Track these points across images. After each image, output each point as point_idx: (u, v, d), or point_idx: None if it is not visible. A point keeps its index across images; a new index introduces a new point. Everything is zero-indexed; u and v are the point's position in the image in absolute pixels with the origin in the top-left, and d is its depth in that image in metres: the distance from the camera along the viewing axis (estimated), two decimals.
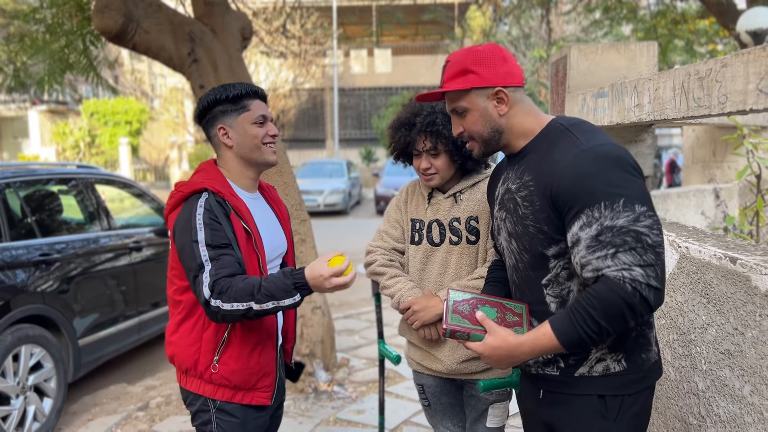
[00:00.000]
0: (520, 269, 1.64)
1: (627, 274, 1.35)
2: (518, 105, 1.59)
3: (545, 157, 1.51)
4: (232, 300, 1.74)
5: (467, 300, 1.67)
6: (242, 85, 1.98)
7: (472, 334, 1.55)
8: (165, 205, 2.02)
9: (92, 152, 22.64)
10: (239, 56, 4.39)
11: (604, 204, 1.37)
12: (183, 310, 1.95)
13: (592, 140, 1.46)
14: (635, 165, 1.44)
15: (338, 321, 6.08)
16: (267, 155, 1.99)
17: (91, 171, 5.22)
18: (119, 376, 5.02)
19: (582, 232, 1.40)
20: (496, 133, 1.61)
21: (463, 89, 1.58)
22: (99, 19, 3.96)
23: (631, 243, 1.36)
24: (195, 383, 1.95)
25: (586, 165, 1.41)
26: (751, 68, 1.40)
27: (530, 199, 1.53)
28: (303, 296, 1.77)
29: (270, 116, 2.02)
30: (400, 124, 2.19)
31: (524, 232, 1.56)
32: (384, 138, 25.24)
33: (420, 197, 2.29)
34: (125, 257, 4.91)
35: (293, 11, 10.48)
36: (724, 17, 8.82)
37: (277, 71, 23.14)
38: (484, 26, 18.36)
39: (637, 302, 1.34)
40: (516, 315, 1.66)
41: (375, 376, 4.60)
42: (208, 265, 1.77)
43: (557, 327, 1.43)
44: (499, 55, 1.58)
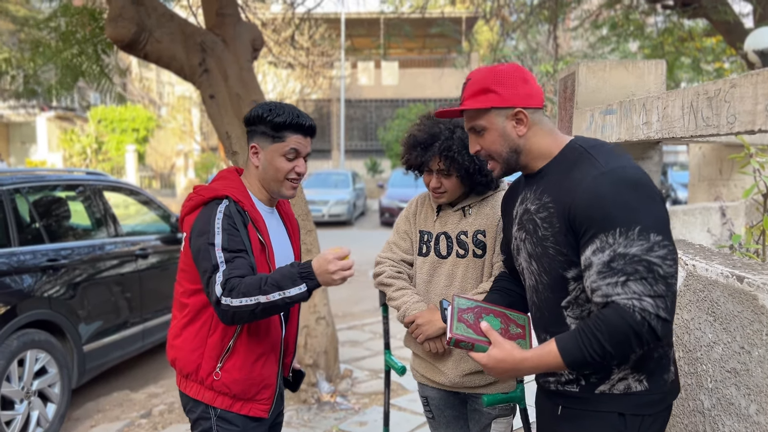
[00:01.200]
0: (539, 290, 1.62)
1: (637, 303, 1.35)
2: (537, 126, 1.59)
3: (565, 179, 1.51)
4: (241, 295, 1.74)
5: (471, 308, 1.66)
6: (290, 114, 1.93)
7: (477, 344, 1.54)
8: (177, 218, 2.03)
9: (99, 159, 22.75)
10: (250, 67, 4.43)
11: (620, 230, 1.37)
12: (189, 313, 1.95)
13: (612, 162, 1.45)
14: (655, 189, 1.43)
15: (342, 332, 6.08)
16: (285, 190, 1.99)
17: (99, 178, 5.26)
18: (123, 382, 5.03)
19: (594, 257, 1.40)
20: (514, 153, 1.60)
21: (482, 108, 1.58)
22: (112, 28, 4.01)
23: (642, 272, 1.35)
24: (195, 388, 1.95)
25: (604, 188, 1.41)
26: (760, 89, 1.41)
27: (550, 220, 1.52)
28: (309, 288, 1.77)
29: (304, 152, 1.99)
30: (416, 143, 2.18)
31: (544, 254, 1.55)
32: (389, 150, 25.31)
33: (429, 209, 2.31)
34: (131, 264, 4.93)
35: (302, 22, 10.55)
36: (731, 36, 8.84)
37: (284, 81, 23.26)
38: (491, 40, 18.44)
39: (644, 331, 1.35)
40: (519, 327, 1.66)
41: (378, 388, 4.60)
42: (222, 266, 1.79)
43: (563, 346, 1.43)
44: (520, 75, 1.58)
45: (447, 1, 15.48)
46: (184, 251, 1.95)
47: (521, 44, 22.34)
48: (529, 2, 10.76)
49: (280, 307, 1.77)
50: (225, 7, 4.35)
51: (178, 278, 2.01)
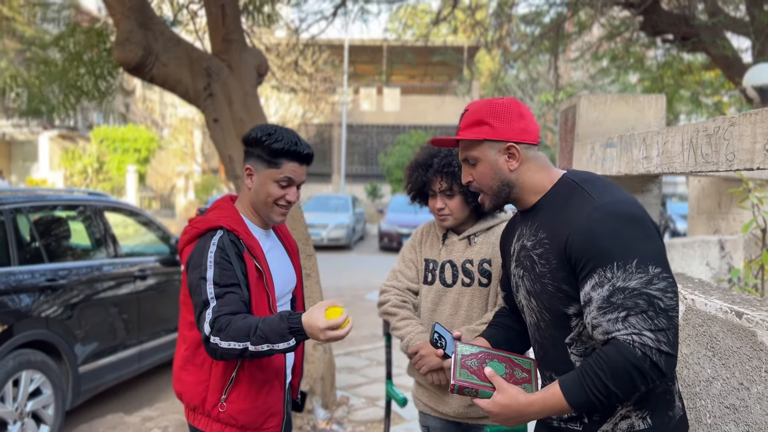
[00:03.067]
0: (542, 328, 1.59)
1: (637, 338, 1.32)
2: (530, 162, 1.58)
3: (559, 214, 1.49)
4: (230, 339, 1.74)
5: (475, 354, 1.63)
6: (288, 141, 1.91)
7: (481, 390, 1.52)
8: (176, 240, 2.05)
9: (99, 178, 22.81)
10: (254, 92, 4.48)
11: (617, 264, 1.35)
12: (190, 346, 1.96)
13: (605, 197, 1.43)
14: (650, 222, 1.41)
15: (339, 358, 6.04)
16: (273, 215, 1.99)
17: (99, 198, 5.28)
18: (117, 405, 4.98)
19: (594, 292, 1.38)
20: (505, 186, 1.59)
21: (476, 140, 1.58)
22: (120, 51, 4.07)
23: (642, 306, 1.33)
24: (203, 421, 1.94)
25: (598, 223, 1.39)
26: (759, 128, 1.44)
27: (546, 257, 1.50)
28: (298, 341, 1.75)
29: (298, 181, 1.98)
30: (417, 164, 2.24)
31: (543, 291, 1.53)
32: (390, 175, 25.41)
33: (435, 238, 2.33)
34: (129, 285, 4.92)
35: (306, 48, 10.68)
36: (730, 70, 8.95)
37: (287, 106, 23.45)
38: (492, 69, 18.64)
39: (647, 367, 1.32)
40: (524, 371, 1.63)
41: (374, 416, 4.56)
42: (213, 302, 1.79)
43: (567, 388, 1.40)
44: (516, 110, 1.57)
45: (449, 30, 15.69)
46: (183, 285, 1.97)
47: (522, 74, 22.59)
48: (530, 33, 10.92)
49: (266, 355, 1.76)
50: (231, 33, 4.41)
51: (181, 309, 2.02)
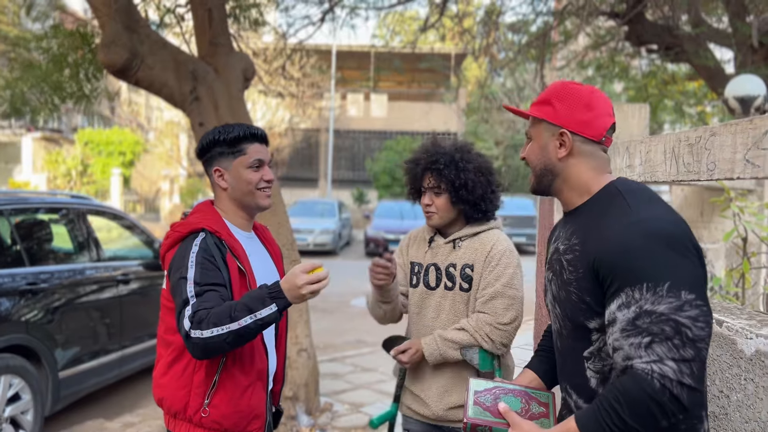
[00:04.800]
0: (563, 336, 1.52)
1: (657, 368, 1.22)
2: (583, 157, 1.48)
3: (594, 223, 1.41)
4: (211, 325, 1.70)
5: (489, 390, 1.57)
6: (241, 127, 1.98)
7: (495, 428, 1.46)
8: (160, 244, 2.02)
9: (83, 181, 22.59)
10: (240, 96, 4.47)
11: (647, 285, 1.26)
12: (173, 351, 1.93)
13: (645, 212, 1.34)
14: (690, 244, 1.31)
15: (323, 364, 6.01)
16: (260, 200, 2.01)
17: (83, 201, 5.23)
18: (97, 411, 4.92)
19: (619, 312, 1.29)
20: (548, 172, 1.52)
21: (536, 117, 1.53)
22: (105, 53, 4.03)
23: (668, 333, 1.23)
24: (185, 428, 1.92)
25: (633, 240, 1.30)
26: (739, 139, 1.45)
27: (575, 264, 1.42)
28: (280, 307, 1.72)
29: (267, 160, 2.02)
30: (411, 160, 2.30)
31: (567, 299, 1.45)
32: (377, 181, 25.43)
33: (422, 241, 2.36)
34: (112, 289, 4.88)
35: (294, 53, 10.67)
36: (713, 81, 9.07)
37: (273, 110, 23.40)
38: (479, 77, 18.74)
39: (666, 401, 1.21)
40: (542, 405, 1.55)
41: (358, 422, 4.54)
42: (192, 299, 1.77)
43: (582, 423, 1.30)
44: (586, 100, 1.48)
45: (437, 37, 15.76)
46: (166, 289, 1.95)
47: (509, 81, 22.72)
48: (517, 41, 11.00)
49: (253, 331, 1.72)
50: (218, 37, 4.40)
51: (161, 315, 1.99)
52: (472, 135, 26.99)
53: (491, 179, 2.25)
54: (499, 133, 28.12)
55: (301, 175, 29.81)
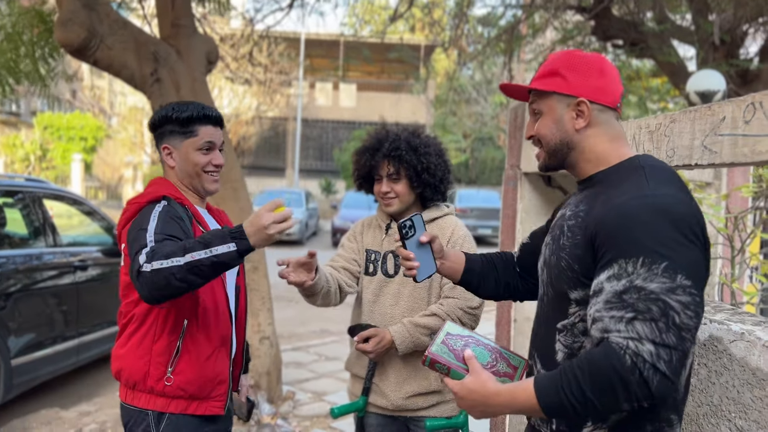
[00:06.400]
0: (544, 302, 1.47)
1: (633, 345, 1.14)
2: (601, 126, 1.39)
3: (605, 192, 1.32)
4: (163, 257, 1.60)
5: (462, 336, 1.50)
6: (195, 106, 1.93)
7: (453, 370, 1.38)
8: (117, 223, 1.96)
9: (42, 166, 22.00)
10: (203, 79, 4.38)
11: (643, 260, 1.17)
12: (134, 321, 1.88)
13: (660, 188, 1.25)
14: (700, 232, 1.23)
15: (286, 353, 5.97)
16: (206, 183, 1.96)
17: (39, 185, 5.07)
18: (53, 399, 4.80)
19: (608, 283, 1.21)
20: (565, 146, 1.42)
21: (545, 91, 1.42)
22: (61, 31, 3.90)
23: (655, 314, 1.15)
24: (144, 399, 1.87)
25: (639, 211, 1.21)
26: (697, 125, 1.47)
27: (574, 230, 1.35)
28: (240, 249, 1.61)
29: (218, 143, 1.97)
30: (365, 149, 2.25)
31: (556, 264, 1.38)
32: (345, 171, 25.34)
33: (376, 229, 2.32)
34: (69, 276, 4.75)
35: (261, 39, 10.53)
36: (676, 77, 9.25)
37: (240, 97, 23.08)
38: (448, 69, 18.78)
39: (633, 381, 1.13)
40: (510, 366, 1.47)
41: (320, 411, 4.52)
42: (151, 244, 1.68)
43: (540, 385, 1.22)
44: (598, 66, 1.40)
45: (406, 27, 15.73)
46: (125, 263, 1.89)
47: (477, 74, 22.84)
48: (486, 34, 11.03)
49: (206, 268, 1.60)
50: (180, 18, 4.29)
51: (122, 291, 1.94)
52: (440, 127, 27.09)
53: (447, 160, 2.26)
54: (467, 125, 28.28)
55: (267, 164, 29.54)
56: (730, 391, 1.41)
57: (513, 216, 3.24)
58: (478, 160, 29.33)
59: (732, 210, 3.79)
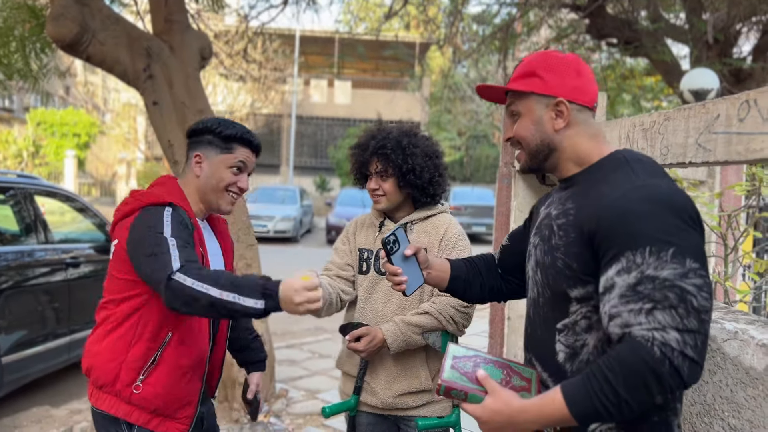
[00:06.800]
0: (539, 304, 1.45)
1: (659, 335, 1.13)
2: (580, 126, 1.40)
3: (594, 189, 1.33)
4: (197, 278, 1.59)
5: (469, 357, 1.46)
6: (241, 128, 1.95)
7: (470, 394, 1.34)
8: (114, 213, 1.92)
9: (35, 162, 21.87)
10: (197, 75, 4.35)
11: (650, 250, 1.17)
12: (114, 321, 1.84)
13: (650, 179, 1.26)
14: (697, 217, 1.23)
15: (280, 350, 5.96)
16: (223, 203, 1.95)
17: (31, 181, 5.04)
18: (43, 397, 4.77)
19: (619, 278, 1.19)
20: (545, 147, 1.43)
21: (523, 92, 1.43)
22: (53, 26, 3.86)
23: (672, 301, 1.14)
24: (108, 401, 1.83)
25: (636, 203, 1.21)
26: (692, 123, 1.46)
27: (566, 229, 1.34)
28: (267, 307, 1.58)
29: (250, 168, 1.98)
30: (357, 146, 2.27)
31: (552, 265, 1.37)
32: (339, 168, 25.32)
33: (370, 227, 2.32)
34: (61, 273, 4.72)
35: (256, 36, 10.49)
36: (670, 76, 9.27)
37: (235, 94, 23.02)
38: (443, 67, 18.78)
39: (665, 372, 1.11)
40: (524, 379, 1.44)
41: (313, 409, 4.51)
42: (174, 250, 1.65)
43: (569, 394, 1.18)
44: (574, 66, 1.41)
45: (401, 25, 15.71)
46: (114, 259, 1.85)
47: (472, 72, 22.84)
48: (481, 32, 11.03)
49: (228, 310, 1.59)
50: (173, 14, 4.26)
51: (106, 286, 1.91)
52: (435, 125, 27.09)
53: (438, 163, 2.23)
54: (461, 123, 28.31)
55: (262, 161, 29.42)
56: (724, 390, 1.41)
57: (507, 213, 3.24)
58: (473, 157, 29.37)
59: (725, 208, 3.80)
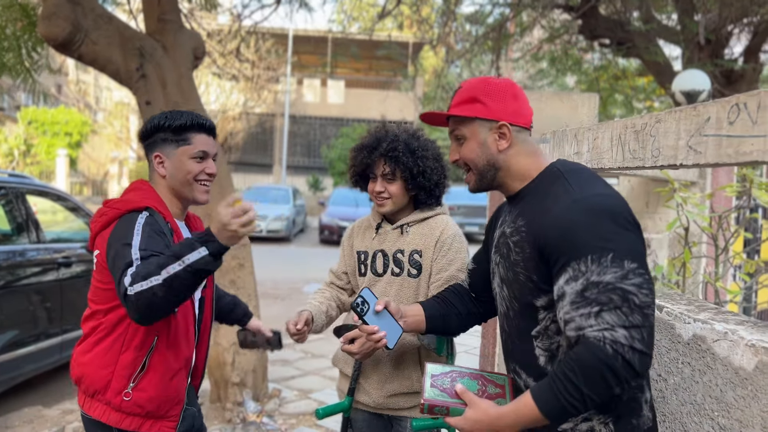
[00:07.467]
0: (510, 317, 1.56)
1: (609, 334, 1.26)
2: (520, 145, 1.54)
3: (538, 203, 1.46)
4: (143, 278, 1.60)
5: (446, 373, 1.60)
6: (189, 115, 1.91)
7: (452, 408, 1.48)
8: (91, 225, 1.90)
9: (27, 161, 21.74)
10: (190, 75, 4.34)
11: (592, 258, 1.30)
12: (102, 330, 1.85)
13: (586, 189, 1.39)
14: (630, 218, 1.36)
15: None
16: (197, 193, 1.94)
17: (22, 181, 5.01)
18: (36, 398, 4.75)
19: (567, 287, 1.33)
20: (491, 167, 1.55)
21: (467, 117, 1.55)
22: (45, 25, 3.85)
23: (616, 302, 1.27)
24: (99, 410, 1.83)
25: (576, 216, 1.34)
26: (683, 125, 1.47)
27: (521, 245, 1.46)
28: (211, 251, 1.60)
29: (212, 153, 1.95)
30: (363, 146, 2.22)
31: (515, 279, 1.49)
32: (332, 168, 25.26)
33: (367, 229, 2.32)
34: (53, 272, 4.70)
35: (249, 35, 10.47)
36: (662, 77, 9.31)
37: (228, 93, 22.96)
38: (436, 66, 18.76)
39: (619, 366, 1.24)
40: (498, 387, 1.58)
41: (306, 409, 4.51)
42: (137, 262, 1.67)
43: (538, 396, 1.32)
44: (511, 91, 1.55)
45: (395, 25, 15.70)
46: (97, 270, 1.85)
47: (465, 72, 22.85)
48: (474, 32, 11.04)
49: (183, 279, 1.59)
50: (166, 13, 4.25)
51: (91, 297, 1.90)
52: (427, 125, 27.08)
53: (444, 165, 2.25)
54: None
55: (255, 161, 29.41)
56: (713, 390, 1.42)
57: None
58: None
59: (716, 209, 3.83)
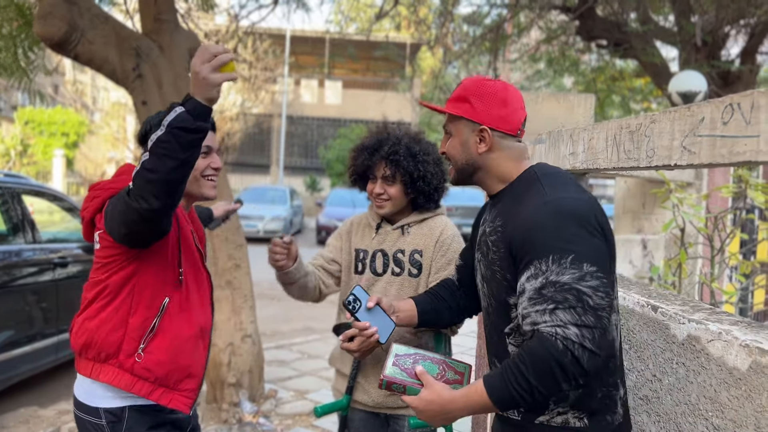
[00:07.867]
0: (489, 313, 1.62)
1: (560, 331, 1.30)
2: (502, 151, 1.58)
3: (514, 205, 1.51)
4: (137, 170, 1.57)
5: (410, 354, 1.66)
6: None
7: (409, 387, 1.54)
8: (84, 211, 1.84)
9: (23, 162, 21.69)
10: (186, 75, 4.33)
11: (553, 258, 1.35)
12: (108, 294, 1.80)
13: (557, 192, 1.45)
14: (597, 223, 1.41)
15: (269, 351, 5.94)
16: (205, 189, 1.94)
17: (19, 181, 5.01)
18: (31, 398, 4.74)
19: (528, 283, 1.38)
20: (469, 166, 1.61)
21: (455, 114, 1.60)
22: (41, 25, 3.84)
23: (571, 301, 1.32)
24: (111, 373, 1.78)
25: (542, 217, 1.40)
26: (677, 126, 1.47)
27: (497, 244, 1.52)
28: (188, 108, 1.53)
29: (215, 147, 1.95)
30: (364, 147, 2.23)
31: (492, 278, 1.55)
32: (330, 168, 25.25)
33: (366, 228, 2.32)
34: (49, 272, 4.69)
35: (245, 36, 10.46)
36: (659, 78, 9.33)
37: (225, 94, 22.91)
38: (433, 67, 18.77)
39: (567, 362, 1.28)
40: (458, 374, 1.64)
41: (302, 409, 4.51)
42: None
43: (489, 384, 1.36)
44: (502, 96, 1.57)
45: (392, 26, 15.70)
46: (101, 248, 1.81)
47: (463, 72, 22.86)
48: (471, 33, 11.06)
49: (165, 141, 1.52)
50: (163, 13, 4.25)
51: (92, 274, 1.86)
52: (425, 125, 27.07)
53: (443, 169, 2.26)
54: None
55: (252, 161, 29.38)
56: (708, 390, 1.43)
57: None
58: None
59: (712, 210, 3.84)
